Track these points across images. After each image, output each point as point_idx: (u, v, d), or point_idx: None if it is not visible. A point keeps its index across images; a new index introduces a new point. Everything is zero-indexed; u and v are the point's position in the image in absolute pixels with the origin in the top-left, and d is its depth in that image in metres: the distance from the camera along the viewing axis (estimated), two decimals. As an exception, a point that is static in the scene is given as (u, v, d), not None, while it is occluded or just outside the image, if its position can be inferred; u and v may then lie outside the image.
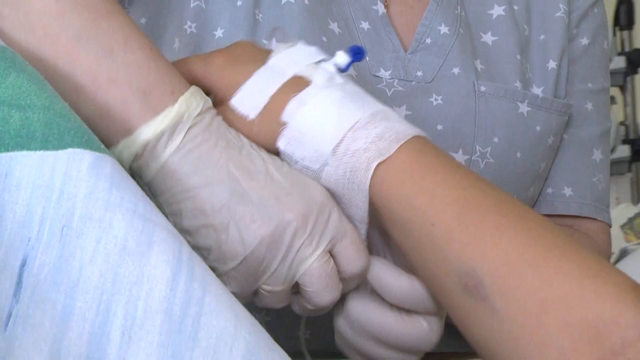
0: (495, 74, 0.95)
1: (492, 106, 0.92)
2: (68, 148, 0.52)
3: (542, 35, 1.00)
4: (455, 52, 0.94)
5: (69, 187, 0.51)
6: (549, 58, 0.99)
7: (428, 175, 0.61)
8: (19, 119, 0.52)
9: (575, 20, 1.01)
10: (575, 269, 0.55)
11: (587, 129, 1.02)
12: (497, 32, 0.97)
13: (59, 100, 0.55)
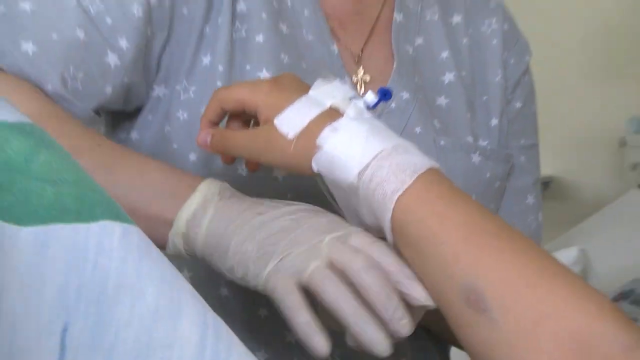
0: (450, 131, 1.02)
1: (449, 157, 1.00)
2: (99, 220, 0.55)
3: (485, 96, 1.08)
4: (416, 114, 1.01)
5: (102, 258, 0.54)
6: (492, 116, 1.07)
7: (440, 202, 0.70)
8: (53, 193, 0.54)
9: (511, 87, 1.10)
10: (564, 289, 0.63)
11: (522, 179, 1.11)
12: (449, 95, 1.05)
13: (87, 175, 0.58)
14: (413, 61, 1.05)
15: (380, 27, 1.05)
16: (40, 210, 0.54)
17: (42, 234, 0.53)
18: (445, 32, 1.08)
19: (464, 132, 1.03)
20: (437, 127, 1.01)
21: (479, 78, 1.08)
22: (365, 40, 1.04)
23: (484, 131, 1.05)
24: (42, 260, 0.53)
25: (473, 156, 1.01)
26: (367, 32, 1.04)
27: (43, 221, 0.54)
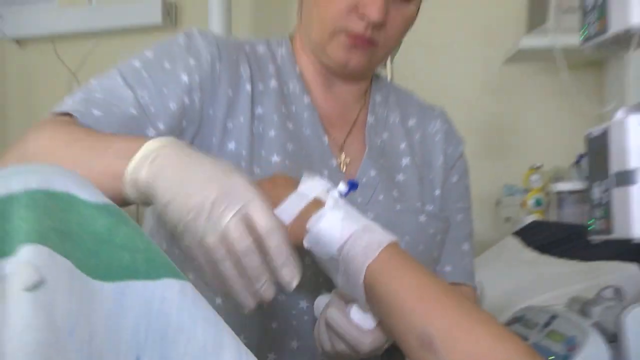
0: (405, 198, 1.08)
1: (403, 218, 1.05)
2: (163, 278, 0.57)
3: (431, 175, 1.14)
4: (380, 187, 1.06)
5: (164, 307, 0.56)
6: (435, 188, 1.13)
7: (398, 269, 0.77)
8: (129, 258, 0.56)
9: (449, 167, 1.17)
10: (491, 333, 0.70)
11: (458, 232, 1.16)
12: (405, 173, 1.11)
13: (153, 243, 0.60)
14: (380, 150, 1.10)
15: (357, 125, 1.12)
16: (119, 271, 0.56)
17: (120, 288, 0.55)
18: (403, 130, 1.14)
19: (414, 199, 1.08)
20: (395, 196, 1.06)
21: (427, 162, 1.14)
22: (347, 134, 1.10)
23: (430, 199, 1.11)
24: (120, 308, 0.55)
25: (420, 217, 1.06)
26: (348, 128, 1.11)
27: (121, 278, 0.56)
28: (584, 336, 0.89)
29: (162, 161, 0.72)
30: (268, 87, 1.06)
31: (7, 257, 0.51)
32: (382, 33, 1.03)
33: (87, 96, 0.92)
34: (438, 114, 1.21)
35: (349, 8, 0.99)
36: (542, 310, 1.04)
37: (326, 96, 1.11)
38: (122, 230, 0.58)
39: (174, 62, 0.98)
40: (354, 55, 1.03)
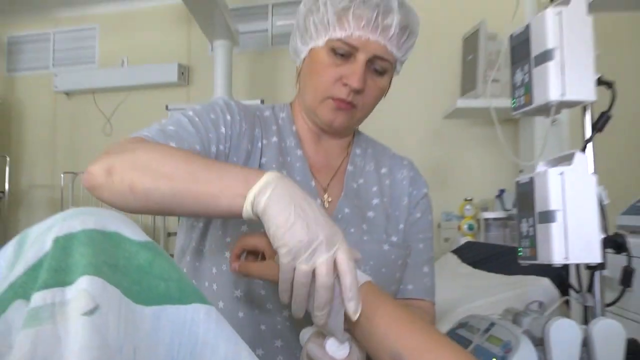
0: (372, 231, 1.05)
1: (369, 246, 1.03)
2: (192, 303, 0.55)
3: (397, 212, 1.12)
4: (352, 222, 1.04)
5: (193, 327, 0.54)
6: (400, 223, 1.10)
7: (374, 301, 0.73)
8: (164, 286, 0.54)
9: (413, 205, 1.14)
10: (452, 353, 0.66)
11: (419, 257, 1.12)
12: (375, 211, 1.09)
13: (185, 274, 0.58)
14: (355, 192, 1.09)
15: (339, 172, 1.11)
16: (157, 297, 0.54)
17: (158, 311, 0.53)
18: (376, 176, 1.13)
19: (380, 232, 1.06)
20: (364, 229, 1.04)
21: (394, 202, 1.12)
22: (330, 179, 1.08)
23: (395, 232, 1.09)
24: (157, 328, 0.53)
25: (384, 246, 1.04)
26: (332, 174, 1.10)
27: (158, 303, 0.54)
28: (517, 341, 0.88)
29: (281, 191, 0.71)
30: (270, 142, 1.05)
31: (69, 286, 0.50)
32: (361, 98, 1.03)
33: (162, 128, 0.91)
34: (407, 164, 1.20)
35: (335, 79, 1.00)
36: (483, 318, 1.02)
37: (316, 149, 1.10)
38: (159, 263, 0.56)
39: (216, 116, 0.98)
40: (338, 116, 1.03)
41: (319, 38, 1.00)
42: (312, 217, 0.70)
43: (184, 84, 4.06)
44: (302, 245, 0.68)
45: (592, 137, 1.01)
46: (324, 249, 0.69)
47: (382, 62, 1.01)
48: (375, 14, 0.97)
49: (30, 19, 4.45)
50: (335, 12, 0.98)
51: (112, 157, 0.77)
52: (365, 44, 0.98)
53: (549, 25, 0.98)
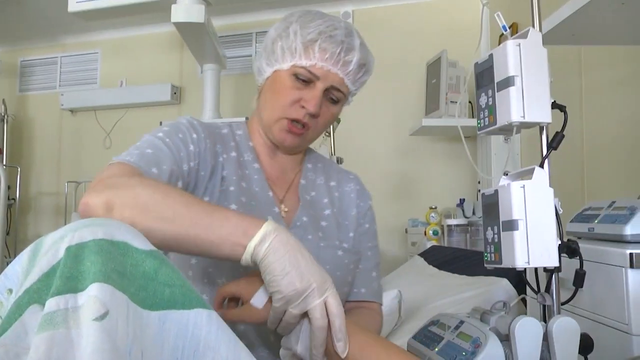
0: (327, 238, 1.04)
1: (326, 252, 1.01)
2: (195, 308, 0.53)
3: (346, 221, 1.10)
4: (309, 229, 1.02)
5: (196, 330, 0.52)
6: (350, 231, 1.10)
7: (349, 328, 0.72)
8: (169, 292, 0.52)
9: (361, 216, 1.14)
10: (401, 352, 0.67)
11: (368, 263, 1.12)
12: (327, 221, 1.07)
13: (187, 281, 0.56)
14: (309, 203, 1.07)
15: (293, 185, 1.09)
16: (162, 302, 0.52)
17: (163, 316, 0.51)
18: (326, 189, 1.12)
19: (334, 239, 1.05)
20: (320, 236, 1.03)
21: (343, 212, 1.12)
22: (286, 191, 1.07)
23: (345, 239, 1.08)
24: (162, 331, 0.50)
25: (338, 251, 1.03)
26: (287, 187, 1.08)
27: (163, 308, 0.52)
28: (485, 337, 0.87)
29: (277, 243, 0.70)
30: (230, 156, 1.03)
31: (80, 292, 0.48)
32: (314, 121, 1.02)
33: (141, 152, 0.87)
34: (353, 178, 1.20)
35: (293, 101, 0.99)
36: (452, 317, 1.01)
37: (271, 163, 1.08)
38: (164, 270, 0.54)
39: (184, 135, 0.96)
40: (289, 137, 1.02)
41: (285, 62, 1.00)
42: (305, 266, 0.70)
43: (176, 102, 4.04)
44: (295, 293, 0.69)
45: (548, 154, 1.01)
46: (317, 295, 0.70)
47: (337, 93, 1.02)
48: (339, 49, 0.98)
49: (40, 45, 4.45)
50: (303, 42, 0.98)
51: (110, 192, 0.73)
52: (326, 75, 0.99)
53: (510, 55, 0.98)
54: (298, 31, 0.98)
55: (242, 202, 0.99)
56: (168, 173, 0.87)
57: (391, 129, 3.53)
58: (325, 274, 0.72)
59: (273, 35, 1.03)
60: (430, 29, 3.49)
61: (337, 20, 1.02)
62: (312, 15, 1.01)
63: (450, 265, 2.08)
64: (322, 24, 0.99)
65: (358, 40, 1.02)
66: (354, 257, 1.08)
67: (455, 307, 1.66)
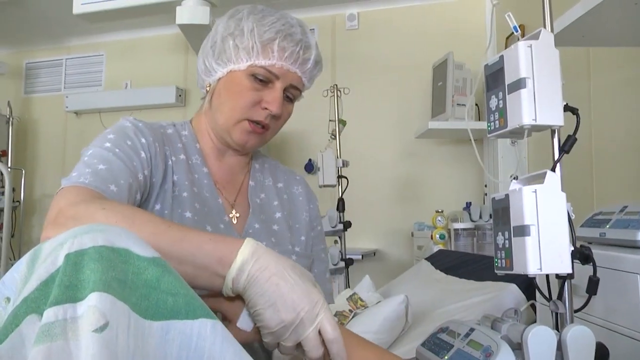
0: (280, 242, 1.02)
1: None
2: (199, 318, 0.51)
3: (297, 225, 1.08)
4: (262, 235, 1.00)
5: (200, 341, 0.50)
6: (301, 235, 1.07)
7: None
8: (172, 301, 0.50)
9: (312, 219, 1.11)
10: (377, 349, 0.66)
11: (322, 266, 1.11)
12: (278, 224, 1.05)
13: (191, 289, 0.54)
14: (260, 207, 1.05)
15: (243, 188, 1.07)
16: (164, 312, 0.50)
17: (165, 326, 0.49)
18: (275, 191, 1.10)
19: (287, 243, 1.03)
20: (273, 241, 1.01)
21: (293, 215, 1.09)
22: (236, 195, 1.04)
23: (297, 243, 1.06)
24: (165, 342, 0.48)
25: (292, 256, 1.02)
26: (236, 190, 1.05)
27: (166, 318, 0.50)
28: (497, 346, 0.85)
29: (257, 271, 0.65)
30: (179, 159, 0.99)
31: (80, 301, 0.46)
32: (274, 122, 1.00)
33: (94, 170, 0.81)
34: (300, 179, 1.16)
35: (254, 102, 0.97)
36: (462, 324, 0.99)
37: (219, 165, 1.05)
38: (166, 278, 0.52)
39: (132, 142, 0.91)
40: (251, 138, 0.99)
41: (240, 62, 0.96)
42: (290, 293, 0.65)
43: (181, 105, 4.03)
44: (283, 326, 0.64)
45: (560, 158, 0.98)
46: (307, 325, 0.64)
47: (294, 91, 1.00)
48: (298, 48, 0.97)
49: (45, 47, 4.46)
50: (261, 41, 0.95)
51: (73, 224, 0.64)
52: (285, 74, 0.97)
53: (521, 56, 0.96)
54: (254, 29, 0.95)
55: (196, 209, 0.95)
56: (127, 188, 0.82)
57: (397, 132, 3.51)
58: (315, 294, 0.67)
59: (222, 33, 0.99)
60: (436, 30, 3.47)
61: (290, 17, 1.00)
62: (263, 12, 0.99)
63: (457, 270, 2.05)
64: (276, 22, 0.96)
65: (313, 38, 1.01)
66: (307, 260, 1.06)
67: (463, 312, 1.63)
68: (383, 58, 3.60)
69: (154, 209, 0.92)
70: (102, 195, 0.78)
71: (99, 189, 0.78)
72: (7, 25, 4.08)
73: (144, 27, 4.09)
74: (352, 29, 3.73)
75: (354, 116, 3.20)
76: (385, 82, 3.57)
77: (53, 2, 3.57)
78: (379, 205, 3.48)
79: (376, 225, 3.47)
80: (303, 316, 0.64)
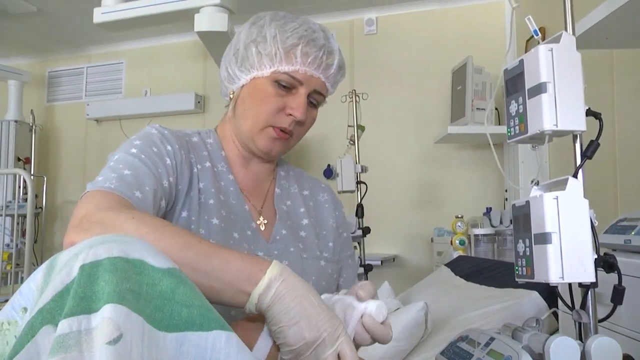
0: (308, 249, 1.01)
1: (309, 263, 0.99)
2: (214, 330, 0.51)
3: (324, 231, 1.08)
4: (290, 241, 1.00)
5: (214, 354, 0.49)
6: (329, 241, 1.07)
7: None
8: (187, 313, 0.50)
9: (340, 225, 1.11)
10: None
11: (351, 270, 1.11)
12: (306, 230, 1.05)
13: (206, 300, 0.53)
14: (287, 214, 1.05)
15: (269, 195, 1.06)
16: (179, 324, 0.49)
17: (180, 338, 0.49)
18: (301, 198, 1.10)
19: (315, 249, 1.03)
20: (301, 248, 1.01)
21: (320, 222, 1.09)
22: (263, 202, 1.04)
23: (325, 249, 1.06)
24: (179, 354, 0.48)
25: (321, 262, 1.01)
26: (263, 197, 1.05)
27: (180, 330, 0.49)
28: (518, 356, 0.83)
29: (284, 290, 0.66)
30: (205, 167, 0.99)
31: (94, 313, 0.46)
32: (298, 128, 1.00)
33: (119, 175, 0.82)
34: (325, 187, 1.16)
35: (278, 109, 0.97)
36: (482, 333, 0.97)
37: (245, 173, 1.05)
38: (181, 289, 0.51)
39: (158, 149, 0.91)
40: (276, 144, 1.00)
41: (263, 68, 0.96)
42: (315, 314, 0.66)
43: (200, 111, 4.06)
44: (305, 345, 0.64)
45: (582, 164, 0.96)
46: (328, 345, 0.65)
47: (317, 96, 1.00)
48: (321, 53, 0.96)
49: (67, 56, 4.54)
50: (284, 47, 0.95)
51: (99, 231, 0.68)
52: (308, 79, 0.96)
53: (542, 60, 0.94)
54: (277, 36, 0.95)
55: (223, 216, 0.95)
56: (152, 194, 0.83)
57: (416, 137, 3.49)
58: (337, 319, 0.68)
59: (245, 39, 0.99)
60: (455, 34, 3.45)
61: (312, 23, 0.99)
62: (285, 18, 0.99)
63: (478, 277, 2.03)
64: (299, 28, 0.96)
65: (336, 43, 1.01)
66: (336, 266, 1.06)
67: (483, 320, 1.61)
68: (402, 63, 3.58)
69: (180, 216, 0.93)
70: (129, 202, 0.79)
71: (124, 194, 0.79)
72: (31, 36, 4.17)
73: (163, 34, 4.13)
74: (370, 34, 3.72)
75: (373, 121, 3.19)
76: (404, 86, 3.55)
77: (74, 12, 3.63)
78: (398, 210, 3.46)
79: (396, 230, 3.45)
80: (325, 337, 0.65)
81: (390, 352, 1.69)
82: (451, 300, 1.91)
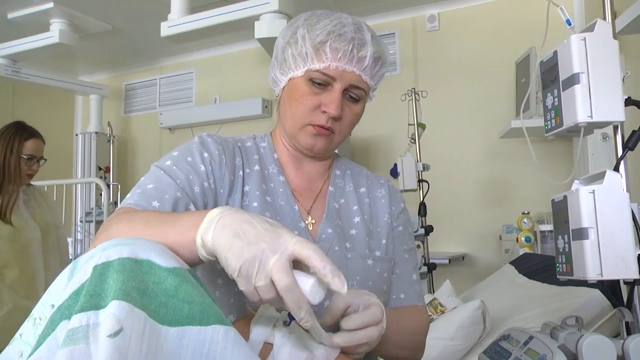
0: (355, 248, 1.00)
1: (354, 262, 0.98)
2: (212, 325, 0.53)
3: (378, 228, 1.06)
4: (335, 240, 0.99)
5: (212, 346, 0.52)
6: (382, 238, 1.05)
7: None
8: (188, 309, 0.53)
9: (394, 219, 1.08)
10: None
11: (407, 267, 1.07)
12: (357, 229, 1.03)
13: (207, 296, 0.56)
14: (337, 212, 1.04)
15: (321, 194, 1.06)
16: (180, 319, 0.53)
17: (181, 332, 0.52)
18: (355, 196, 1.08)
19: (362, 248, 1.01)
20: (347, 247, 0.99)
21: (374, 219, 1.07)
22: (313, 201, 1.04)
23: (378, 246, 1.03)
24: (180, 347, 0.51)
25: (368, 261, 0.99)
26: (314, 197, 1.05)
27: (181, 324, 0.53)
28: (552, 355, 0.81)
29: (222, 223, 0.65)
30: (253, 170, 1.01)
31: (102, 309, 0.50)
32: (338, 124, 0.99)
33: (143, 190, 0.87)
34: (384, 182, 1.14)
35: (314, 107, 0.97)
36: (523, 331, 0.95)
37: (297, 173, 1.06)
38: (184, 287, 0.55)
39: (193, 158, 0.95)
40: (318, 141, 0.99)
41: (298, 69, 0.97)
42: (254, 234, 0.63)
43: (267, 115, 4.14)
44: (247, 263, 0.61)
45: (624, 156, 0.92)
46: (270, 254, 0.61)
47: (356, 91, 0.98)
48: (350, 46, 0.95)
49: (141, 69, 4.78)
50: (313, 46, 0.95)
51: (96, 240, 0.74)
52: (341, 74, 0.96)
53: (574, 51, 0.92)
54: (306, 35, 0.96)
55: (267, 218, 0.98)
56: (171, 202, 0.86)
57: (480, 132, 3.41)
58: (280, 228, 0.65)
59: (281, 43, 1.01)
60: (519, 25, 3.33)
61: (344, 17, 0.99)
62: (318, 16, 0.99)
63: (540, 274, 1.96)
64: (329, 24, 0.96)
65: (369, 34, 0.99)
66: (387, 264, 1.04)
67: (542, 319, 1.55)
68: (465, 57, 3.51)
69: None
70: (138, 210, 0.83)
71: (139, 205, 0.83)
72: (108, 52, 4.44)
73: (229, 43, 4.27)
74: (432, 30, 3.66)
75: (436, 118, 3.15)
76: (467, 81, 3.47)
77: (145, 28, 3.83)
78: (465, 207, 3.39)
79: (463, 228, 3.38)
80: (264, 246, 0.62)
81: (447, 350, 1.67)
82: (512, 298, 1.86)
